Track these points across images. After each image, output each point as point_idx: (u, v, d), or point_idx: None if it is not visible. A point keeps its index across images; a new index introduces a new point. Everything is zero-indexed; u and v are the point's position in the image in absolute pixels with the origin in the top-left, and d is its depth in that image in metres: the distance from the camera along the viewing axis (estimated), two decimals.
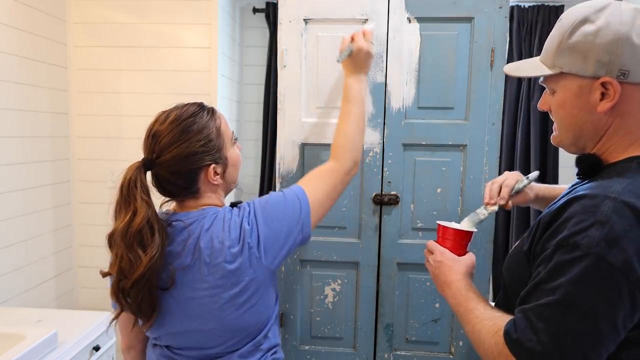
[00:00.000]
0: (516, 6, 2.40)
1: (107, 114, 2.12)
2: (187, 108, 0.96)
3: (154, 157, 0.93)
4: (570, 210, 0.70)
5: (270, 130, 2.58)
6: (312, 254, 1.56)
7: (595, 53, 0.73)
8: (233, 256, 0.90)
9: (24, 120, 1.83)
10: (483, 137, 1.47)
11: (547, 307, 0.66)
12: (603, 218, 0.65)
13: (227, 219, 0.93)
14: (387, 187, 1.52)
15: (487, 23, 1.43)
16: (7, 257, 1.76)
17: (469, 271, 0.94)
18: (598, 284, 0.63)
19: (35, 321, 1.55)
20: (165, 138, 0.92)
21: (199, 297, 0.92)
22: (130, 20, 2.08)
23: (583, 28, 0.74)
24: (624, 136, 0.76)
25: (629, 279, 0.62)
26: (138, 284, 0.87)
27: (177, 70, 2.09)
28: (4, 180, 1.73)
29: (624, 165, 0.74)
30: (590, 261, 0.64)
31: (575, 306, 0.64)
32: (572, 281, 0.64)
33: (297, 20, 1.49)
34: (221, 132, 0.98)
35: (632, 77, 0.72)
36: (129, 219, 0.87)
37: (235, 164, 1.02)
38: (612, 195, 0.67)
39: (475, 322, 0.79)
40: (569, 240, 0.66)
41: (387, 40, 1.47)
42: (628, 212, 0.65)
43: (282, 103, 1.52)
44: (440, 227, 1.01)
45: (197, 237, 0.92)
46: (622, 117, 0.76)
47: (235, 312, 0.93)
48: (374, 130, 1.50)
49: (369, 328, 1.58)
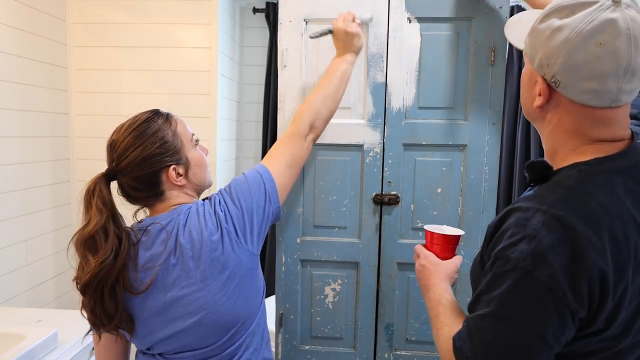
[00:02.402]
0: (516, 6, 2.40)
1: (107, 114, 2.12)
2: (141, 115, 0.99)
3: (114, 166, 0.95)
4: (508, 222, 0.70)
5: (270, 130, 2.58)
6: (312, 254, 1.56)
7: (542, 52, 0.70)
8: (215, 244, 0.93)
9: (24, 120, 1.83)
10: (483, 137, 1.47)
11: (483, 319, 0.68)
12: (532, 232, 0.65)
13: (200, 212, 0.96)
14: (387, 187, 1.52)
15: (487, 23, 1.43)
16: (7, 257, 1.76)
17: (451, 275, 0.95)
18: (524, 298, 0.64)
19: (35, 321, 1.55)
20: (121, 145, 0.94)
21: (189, 294, 0.92)
22: (130, 20, 2.08)
23: (551, 20, 0.69)
24: (564, 141, 0.74)
25: (555, 293, 0.62)
26: (88, 288, 0.88)
27: (177, 70, 2.09)
28: (4, 180, 1.73)
29: (565, 174, 0.71)
30: (517, 275, 0.64)
31: (505, 319, 0.65)
32: (503, 294, 0.65)
33: (297, 20, 1.49)
34: (178, 134, 0.99)
35: (562, 88, 0.69)
36: (82, 227, 0.90)
37: (200, 164, 1.03)
38: (544, 208, 0.66)
39: (438, 327, 0.81)
40: (502, 254, 0.67)
41: (387, 40, 1.47)
42: (557, 226, 0.64)
43: (282, 103, 1.52)
44: (427, 232, 1.02)
45: (176, 235, 0.93)
46: (558, 122, 0.73)
47: (227, 301, 0.94)
48: (374, 130, 1.50)
49: (369, 328, 1.58)
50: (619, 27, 0.64)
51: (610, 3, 0.65)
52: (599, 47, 0.65)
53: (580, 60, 0.66)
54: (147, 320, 0.94)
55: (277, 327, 1.61)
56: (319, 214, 1.55)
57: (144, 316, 0.94)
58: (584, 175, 0.69)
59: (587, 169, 0.70)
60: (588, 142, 0.72)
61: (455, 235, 0.99)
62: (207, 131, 2.11)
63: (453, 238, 0.99)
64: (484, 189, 1.49)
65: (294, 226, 1.55)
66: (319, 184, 1.54)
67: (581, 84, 0.67)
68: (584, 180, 0.69)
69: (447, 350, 0.74)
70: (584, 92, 0.68)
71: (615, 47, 0.64)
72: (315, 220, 1.55)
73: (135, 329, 0.95)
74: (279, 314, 1.60)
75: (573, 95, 0.69)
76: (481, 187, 1.49)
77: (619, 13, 0.64)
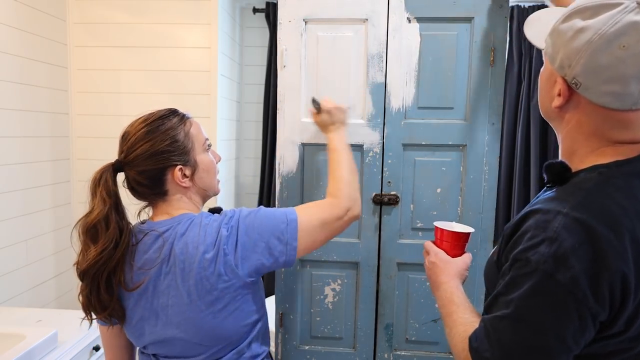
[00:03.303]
0: (516, 6, 2.40)
1: (107, 114, 2.12)
2: (158, 112, 0.99)
3: (122, 158, 0.95)
4: (527, 224, 0.69)
5: (270, 130, 2.58)
6: (312, 254, 1.56)
7: (564, 52, 0.70)
8: (207, 262, 0.89)
9: (24, 120, 1.83)
10: (483, 137, 1.47)
11: (501, 320, 0.68)
12: (553, 234, 0.64)
13: (204, 224, 0.93)
14: (387, 187, 1.52)
15: (487, 23, 1.43)
16: (7, 257, 1.76)
17: (461, 272, 0.94)
18: (545, 301, 0.64)
19: (35, 321, 1.55)
20: (132, 138, 0.94)
21: (177, 305, 0.92)
22: (130, 20, 2.08)
23: (574, 20, 0.69)
24: (583, 142, 0.73)
25: (576, 296, 0.63)
26: (86, 275, 0.89)
27: (177, 70, 2.09)
28: (4, 180, 1.73)
29: (585, 176, 0.71)
30: (538, 277, 0.64)
31: (525, 321, 0.66)
32: (523, 296, 0.66)
33: (297, 20, 1.49)
34: (190, 135, 0.99)
35: (582, 90, 0.69)
36: (86, 214, 0.91)
37: (208, 169, 1.01)
38: (564, 211, 0.66)
39: (452, 326, 0.81)
40: (522, 255, 0.67)
41: (387, 40, 1.47)
42: (578, 229, 0.64)
43: (282, 103, 1.52)
44: (437, 229, 1.01)
45: (172, 243, 0.92)
46: (577, 123, 0.73)
47: (213, 319, 0.92)
48: (374, 130, 1.50)
49: (369, 328, 1.58)
50: None
51: (635, 5, 0.64)
52: (622, 50, 0.64)
53: (602, 62, 0.65)
54: (139, 322, 0.94)
55: (277, 327, 1.61)
56: None
57: (137, 317, 0.94)
58: (603, 177, 0.69)
59: (607, 171, 0.70)
60: (607, 144, 0.71)
61: (466, 232, 0.99)
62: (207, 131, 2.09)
63: (463, 235, 0.98)
64: (484, 189, 1.49)
65: None
66: (318, 184, 1.54)
67: (603, 86, 0.67)
68: (604, 183, 0.69)
69: (462, 350, 0.74)
70: (605, 94, 0.67)
71: (639, 50, 0.64)
72: None
73: (128, 326, 0.96)
74: (279, 314, 1.60)
75: (594, 97, 0.68)
76: (481, 187, 1.49)
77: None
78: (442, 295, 0.90)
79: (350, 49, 1.49)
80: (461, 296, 0.87)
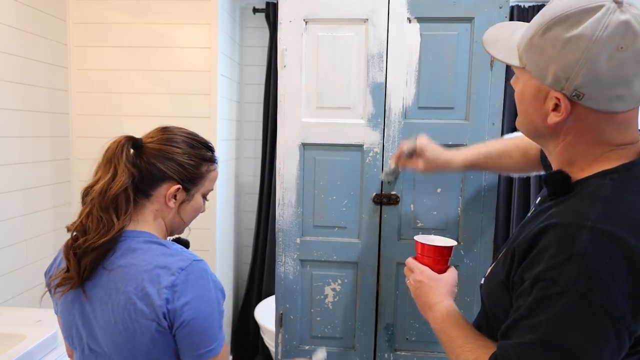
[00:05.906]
0: (516, 6, 2.40)
1: (107, 114, 2.12)
2: (203, 138, 1.01)
3: (147, 141, 0.95)
4: (546, 240, 0.65)
5: (270, 130, 2.58)
6: (312, 254, 1.56)
7: (557, 65, 0.67)
8: (144, 296, 0.83)
9: (24, 120, 1.83)
10: (483, 137, 1.47)
11: (528, 347, 0.63)
12: (580, 251, 0.60)
13: (160, 255, 0.87)
14: (387, 187, 1.52)
15: (487, 23, 1.43)
16: (7, 257, 1.76)
17: (451, 290, 0.91)
18: (580, 323, 0.60)
19: (35, 321, 1.55)
20: (172, 135, 0.96)
21: (105, 318, 0.87)
22: (130, 20, 2.08)
23: (557, 31, 0.66)
24: (585, 152, 0.71)
25: (613, 315, 0.59)
26: (99, 249, 0.85)
27: (177, 70, 2.09)
28: (4, 180, 1.73)
29: (597, 184, 0.68)
30: (570, 298, 0.60)
31: (557, 346, 0.61)
32: (553, 319, 0.61)
33: (297, 20, 1.49)
34: (207, 176, 1.00)
35: (585, 100, 0.66)
36: (108, 180, 0.88)
37: (195, 210, 1.01)
38: (589, 224, 0.62)
39: (459, 352, 0.77)
40: (545, 275, 0.63)
41: (387, 40, 1.47)
42: (607, 242, 0.60)
43: (282, 103, 1.52)
44: (418, 243, 0.96)
45: (120, 256, 0.88)
46: (577, 134, 0.71)
47: (133, 351, 0.86)
48: (374, 130, 1.50)
49: (369, 328, 1.58)
50: (634, 27, 0.63)
51: (615, 5, 0.63)
52: (621, 52, 0.63)
53: (604, 68, 0.64)
54: (88, 304, 0.90)
55: (277, 327, 1.61)
56: (318, 214, 1.55)
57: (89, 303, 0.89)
58: (617, 184, 0.67)
59: (618, 176, 0.68)
60: (610, 149, 0.70)
61: (449, 246, 0.95)
62: (207, 131, 2.11)
63: (446, 249, 0.95)
64: (484, 189, 1.49)
65: (294, 226, 1.55)
66: (318, 184, 1.54)
67: (607, 92, 0.65)
68: (619, 189, 0.67)
69: None
70: (611, 99, 0.66)
71: (636, 48, 0.63)
72: (315, 221, 1.55)
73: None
74: (279, 314, 1.60)
75: (599, 105, 0.67)
76: (481, 187, 1.49)
77: (627, 14, 0.63)
78: (438, 318, 0.85)
79: (350, 49, 1.49)
80: (460, 318, 0.83)
